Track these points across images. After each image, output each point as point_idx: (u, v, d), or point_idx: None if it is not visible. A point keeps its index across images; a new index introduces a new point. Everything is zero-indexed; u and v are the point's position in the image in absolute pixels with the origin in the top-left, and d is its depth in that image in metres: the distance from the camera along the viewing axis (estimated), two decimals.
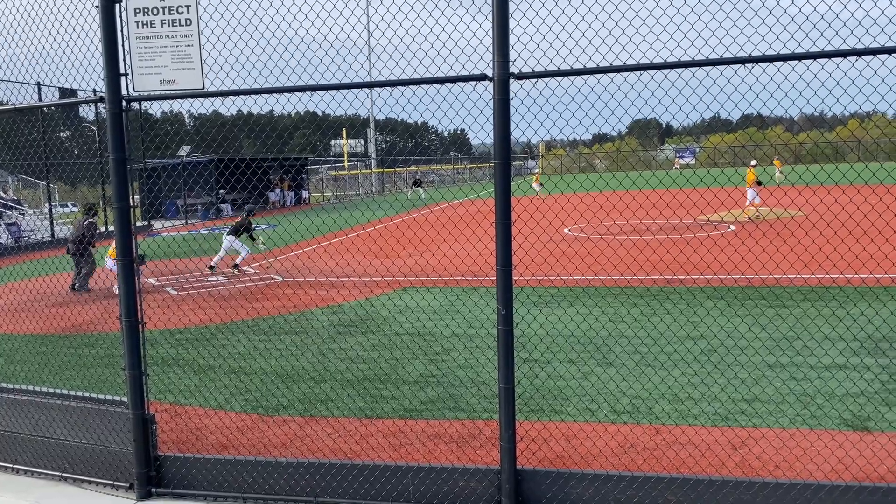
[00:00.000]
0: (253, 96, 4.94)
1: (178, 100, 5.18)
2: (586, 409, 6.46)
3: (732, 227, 20.15)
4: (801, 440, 5.50)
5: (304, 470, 4.89)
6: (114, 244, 5.12)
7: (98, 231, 15.14)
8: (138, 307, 5.08)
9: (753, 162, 24.47)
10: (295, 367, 8.11)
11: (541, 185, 38.31)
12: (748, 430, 5.83)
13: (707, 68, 4.25)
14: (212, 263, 15.77)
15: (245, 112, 7.18)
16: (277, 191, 41.72)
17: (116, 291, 5.11)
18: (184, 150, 35.40)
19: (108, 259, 13.53)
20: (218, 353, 8.78)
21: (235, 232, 15.83)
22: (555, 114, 4.62)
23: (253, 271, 15.85)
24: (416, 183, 46.61)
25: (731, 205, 18.91)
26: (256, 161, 31.97)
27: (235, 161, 33.76)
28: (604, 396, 6.70)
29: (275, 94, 4.90)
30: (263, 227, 23.08)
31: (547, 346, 8.37)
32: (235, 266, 16.00)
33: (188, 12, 4.92)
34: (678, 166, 63.19)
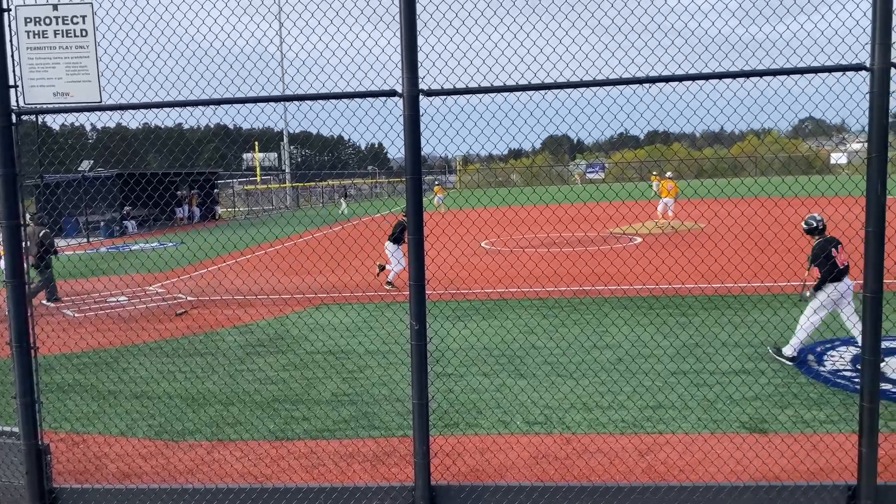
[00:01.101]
0: (164, 109, 4.78)
1: (77, 113, 4.95)
2: (500, 422, 6.53)
3: (639, 240, 20.93)
4: (703, 444, 5.74)
5: (212, 496, 4.72)
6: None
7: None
8: (30, 331, 4.79)
9: (669, 174, 25.52)
10: (202, 389, 7.83)
11: (441, 199, 38.53)
12: (654, 436, 6.04)
13: (617, 87, 4.43)
14: (389, 279, 14.05)
15: (152, 125, 6.94)
16: (185, 206, 40.37)
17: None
18: (85, 165, 33.79)
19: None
20: (119, 377, 8.38)
21: (397, 240, 13.81)
22: (465, 130, 4.70)
23: (165, 291, 15.25)
24: (344, 195, 46.53)
25: (639, 217, 19.65)
26: (163, 175, 30.88)
27: (140, 176, 32.57)
28: (517, 408, 6.79)
29: (181, 108, 4.76)
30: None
31: (461, 360, 8.43)
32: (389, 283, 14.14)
33: (84, 22, 4.72)
34: (580, 180, 65.19)
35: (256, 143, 56.65)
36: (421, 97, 4.43)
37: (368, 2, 4.60)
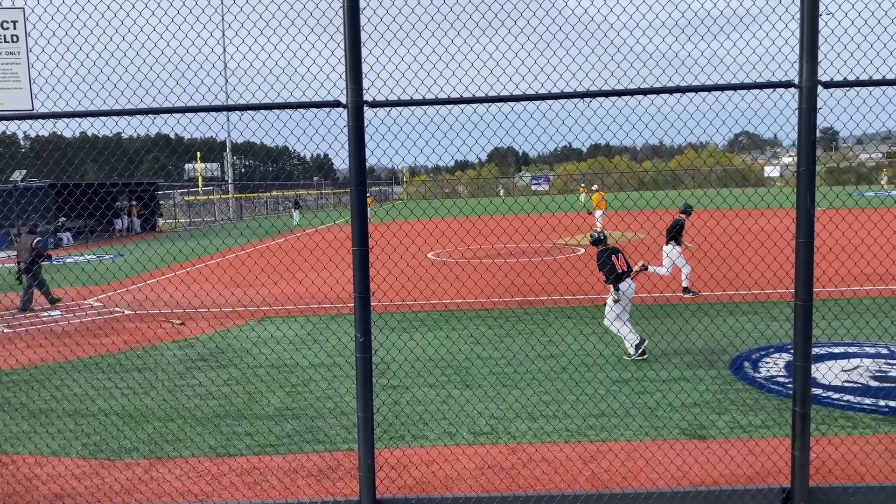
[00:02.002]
0: (101, 118, 4.63)
1: (7, 121, 4.76)
2: (446, 433, 6.52)
3: (583, 250, 21.27)
4: (644, 451, 5.85)
5: None
6: None
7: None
8: None
9: (595, 186, 26.06)
10: (140, 406, 7.60)
11: (373, 211, 38.46)
12: (598, 444, 6.12)
13: (560, 101, 4.52)
14: (685, 286, 13.04)
15: (89, 134, 6.70)
16: (124, 217, 39.19)
17: None
18: (18, 175, 32.50)
19: None
20: (52, 394, 8.06)
21: (676, 238, 12.67)
22: (409, 142, 4.71)
23: (101, 304, 14.74)
24: (296, 205, 45.92)
25: (581, 229, 19.99)
26: (100, 186, 29.91)
27: (76, 186, 31.45)
28: (463, 419, 6.80)
29: (119, 116, 4.63)
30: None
31: (407, 372, 8.39)
32: (686, 290, 12.96)
33: (14, 28, 4.56)
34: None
35: (198, 153, 55.50)
36: (365, 108, 4.42)
37: (312, 13, 4.58)
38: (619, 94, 4.48)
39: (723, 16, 4.60)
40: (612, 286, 8.88)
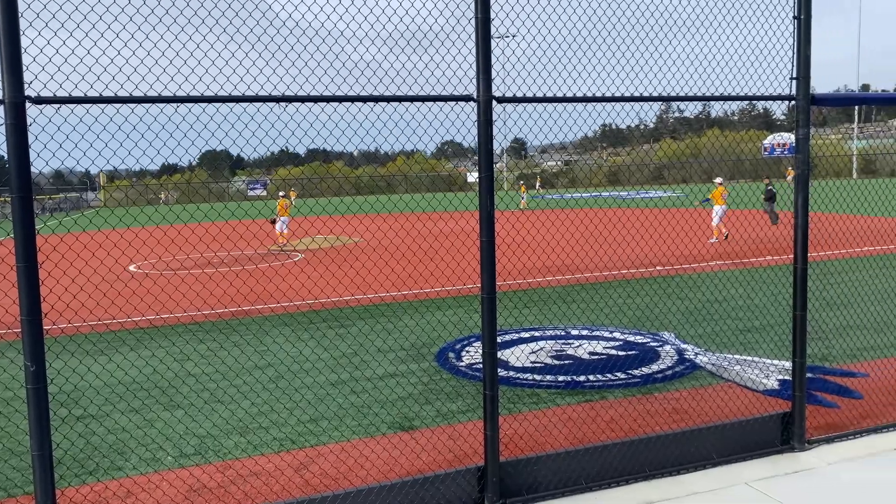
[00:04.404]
0: None
1: None
2: (151, 459, 6.03)
3: (300, 256, 21.19)
4: (356, 450, 5.98)
5: None
6: None
7: None
8: None
9: (281, 193, 26.18)
10: None
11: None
12: (312, 449, 6.12)
13: (280, 104, 4.42)
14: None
15: None
16: None
17: None
18: None
19: None
20: None
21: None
22: (100, 143, 4.22)
23: None
24: None
25: (296, 234, 19.88)
26: None
27: None
28: (168, 442, 6.35)
29: None
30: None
31: (106, 398, 7.61)
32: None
33: None
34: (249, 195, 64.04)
35: None
36: (29, 105, 3.90)
37: None
38: (327, 100, 4.53)
39: (431, 30, 4.89)
40: None
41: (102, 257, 10.43)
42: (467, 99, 4.78)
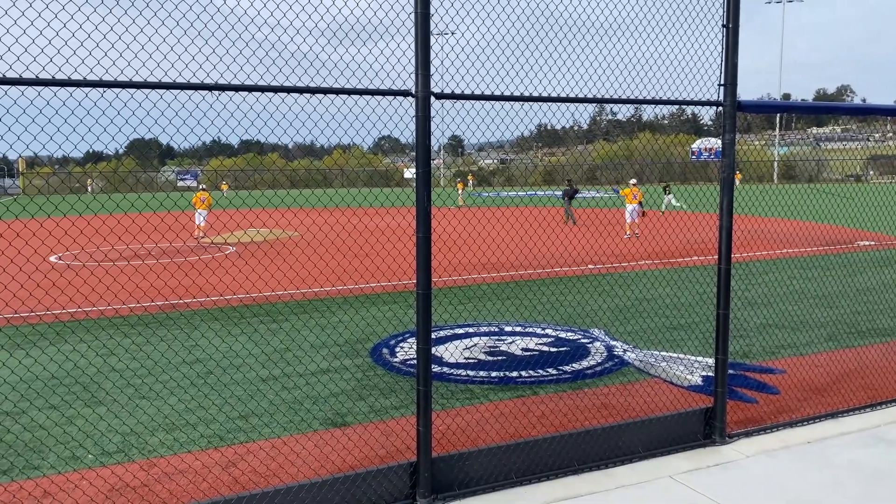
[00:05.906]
0: None
1: None
2: (70, 458, 5.79)
3: (232, 249, 20.73)
4: (287, 447, 5.89)
5: None
6: None
7: None
8: None
9: (203, 186, 25.76)
10: None
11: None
12: (241, 446, 6.00)
13: (213, 92, 4.29)
14: None
15: None
16: None
17: None
18: None
19: None
20: None
21: None
22: (18, 127, 4.01)
23: None
24: None
25: (227, 227, 19.44)
26: None
27: None
28: (89, 440, 6.11)
29: None
30: None
31: (22, 394, 7.27)
32: None
33: None
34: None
35: None
36: None
37: None
38: (262, 89, 4.43)
39: (370, 23, 4.84)
40: None
41: (20, 247, 9.96)
42: (406, 94, 4.76)
